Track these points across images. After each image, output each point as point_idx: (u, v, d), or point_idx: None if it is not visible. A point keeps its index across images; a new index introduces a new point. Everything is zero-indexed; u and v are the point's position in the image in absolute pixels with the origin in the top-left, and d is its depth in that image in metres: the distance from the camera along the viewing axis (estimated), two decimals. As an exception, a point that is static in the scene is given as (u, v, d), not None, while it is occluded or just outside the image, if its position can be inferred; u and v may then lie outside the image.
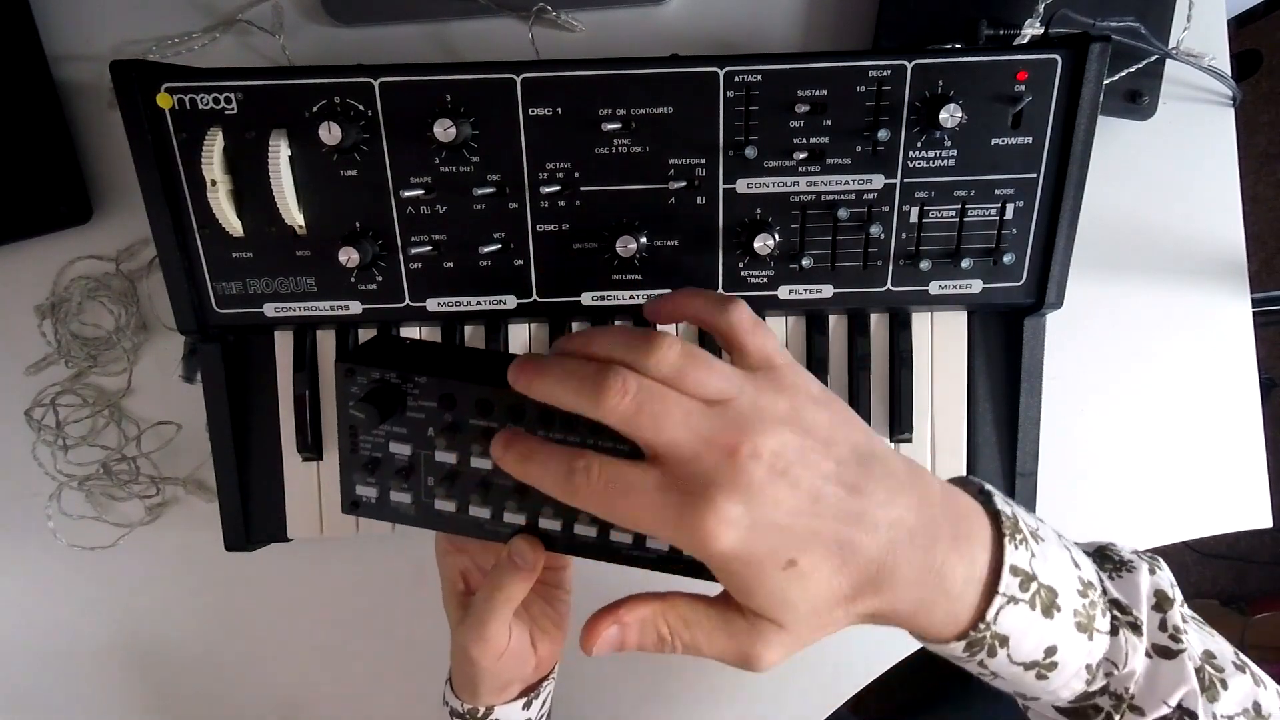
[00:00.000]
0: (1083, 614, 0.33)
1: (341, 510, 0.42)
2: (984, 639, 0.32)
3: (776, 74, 0.45)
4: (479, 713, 0.45)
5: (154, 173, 0.46)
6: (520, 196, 0.47)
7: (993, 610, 0.31)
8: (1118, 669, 0.34)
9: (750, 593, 0.31)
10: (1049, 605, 0.32)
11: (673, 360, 0.29)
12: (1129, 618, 0.34)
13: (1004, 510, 0.33)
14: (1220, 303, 0.57)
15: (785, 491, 0.29)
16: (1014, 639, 0.32)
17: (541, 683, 0.48)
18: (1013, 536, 0.32)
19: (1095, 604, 0.34)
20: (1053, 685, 0.34)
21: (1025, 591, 0.32)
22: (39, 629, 0.62)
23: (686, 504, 0.29)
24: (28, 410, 0.58)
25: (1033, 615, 0.32)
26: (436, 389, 0.39)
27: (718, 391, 0.30)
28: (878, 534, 0.30)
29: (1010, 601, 0.31)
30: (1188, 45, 0.54)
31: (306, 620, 0.61)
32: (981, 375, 0.52)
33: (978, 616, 0.32)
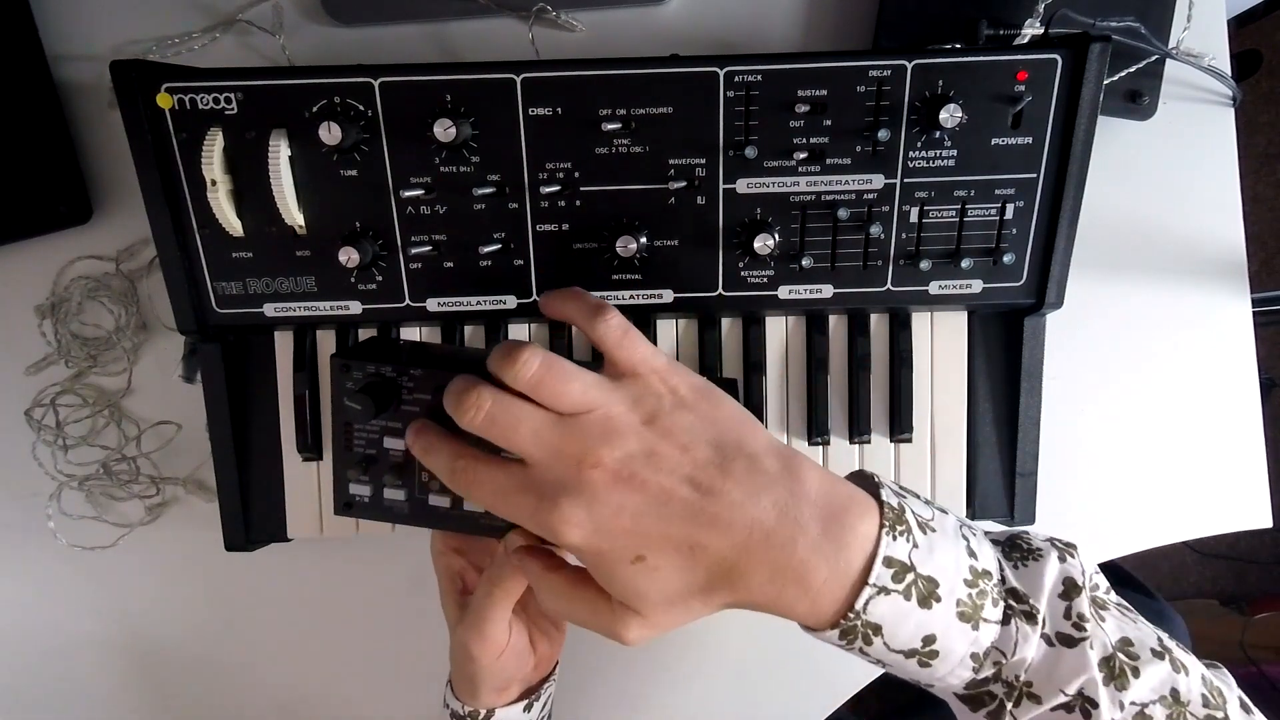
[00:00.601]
0: (968, 604, 0.34)
1: (334, 512, 0.42)
2: (855, 627, 0.33)
3: (776, 74, 0.45)
4: (479, 714, 0.46)
5: (154, 173, 0.46)
6: (520, 196, 0.47)
7: (861, 600, 0.33)
8: (1007, 657, 0.34)
9: (607, 582, 0.34)
10: (927, 595, 0.33)
11: (530, 374, 0.32)
12: (1024, 606, 0.34)
13: (889, 502, 0.35)
14: (1220, 303, 0.57)
15: (629, 497, 0.32)
16: (887, 627, 0.33)
17: (542, 684, 0.48)
18: (893, 528, 0.34)
19: (986, 593, 0.34)
20: (938, 672, 0.35)
21: (899, 582, 0.33)
22: (39, 629, 0.62)
23: (540, 505, 0.33)
24: (28, 410, 0.58)
25: (908, 605, 0.33)
26: (432, 382, 0.40)
27: (573, 404, 0.33)
28: (730, 535, 0.32)
29: (881, 592, 0.33)
30: (1188, 45, 0.54)
31: (306, 620, 0.61)
32: (981, 375, 0.52)
33: (847, 606, 0.33)
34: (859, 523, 0.34)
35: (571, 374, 0.33)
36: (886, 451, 0.52)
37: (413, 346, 0.46)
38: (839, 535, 0.33)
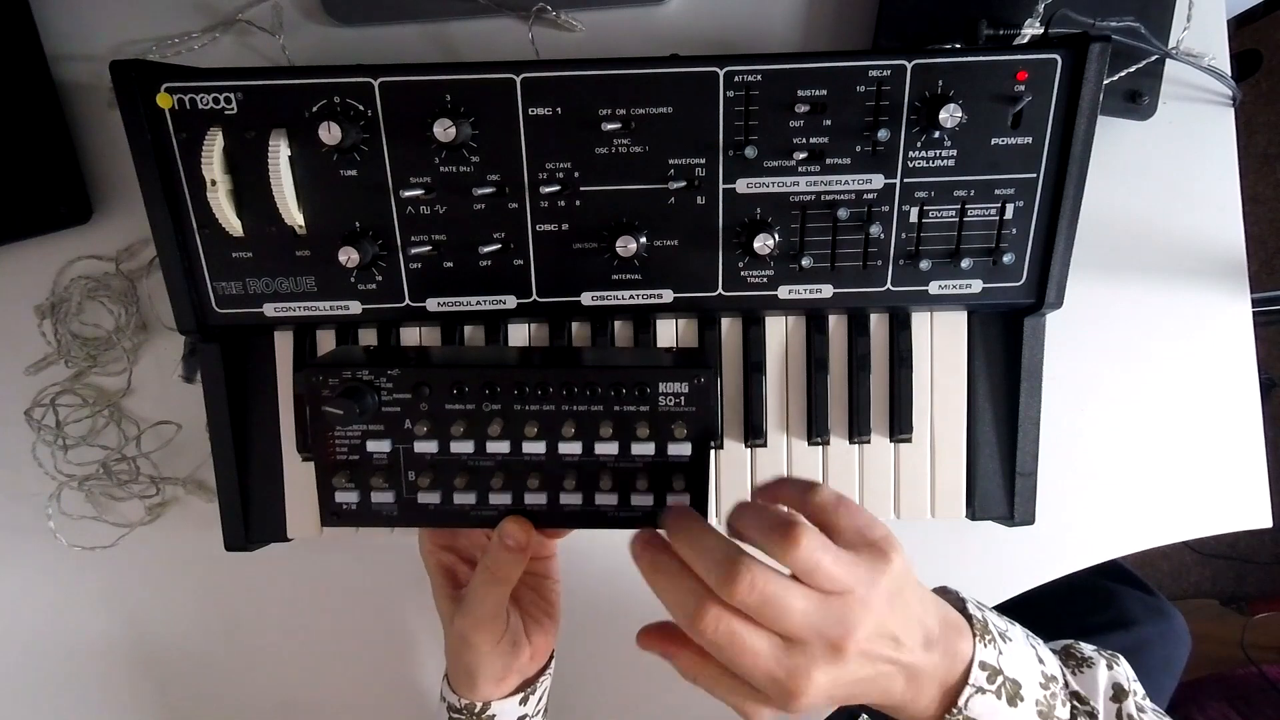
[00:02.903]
0: (1044, 704, 0.39)
1: (321, 524, 0.42)
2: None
3: (776, 74, 0.45)
4: (476, 708, 0.46)
5: (154, 173, 0.46)
6: (520, 196, 0.47)
7: (963, 698, 0.37)
8: None
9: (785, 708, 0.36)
10: (1013, 695, 0.38)
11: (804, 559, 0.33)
12: (1086, 708, 0.41)
13: (975, 615, 0.40)
14: (1220, 303, 0.57)
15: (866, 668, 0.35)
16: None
17: (538, 677, 0.48)
18: (983, 636, 0.39)
19: (1056, 695, 0.40)
20: None
21: (992, 684, 0.38)
22: (39, 629, 0.62)
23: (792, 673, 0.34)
24: (28, 410, 0.58)
25: (999, 703, 0.38)
26: (411, 378, 0.40)
27: (835, 585, 0.34)
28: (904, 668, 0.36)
29: (978, 691, 0.38)
30: (1188, 45, 0.54)
31: (306, 620, 0.61)
32: (981, 375, 0.52)
33: (950, 703, 0.38)
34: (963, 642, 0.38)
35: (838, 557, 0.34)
36: (886, 451, 0.52)
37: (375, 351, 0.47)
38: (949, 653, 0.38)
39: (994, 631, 0.39)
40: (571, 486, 0.41)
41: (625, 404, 0.40)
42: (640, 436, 0.40)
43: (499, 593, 0.42)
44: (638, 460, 0.41)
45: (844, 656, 0.34)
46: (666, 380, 0.40)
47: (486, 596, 0.42)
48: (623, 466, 0.41)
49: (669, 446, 0.41)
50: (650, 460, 0.41)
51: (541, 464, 0.41)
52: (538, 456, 0.41)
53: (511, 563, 0.41)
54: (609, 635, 0.60)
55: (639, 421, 0.40)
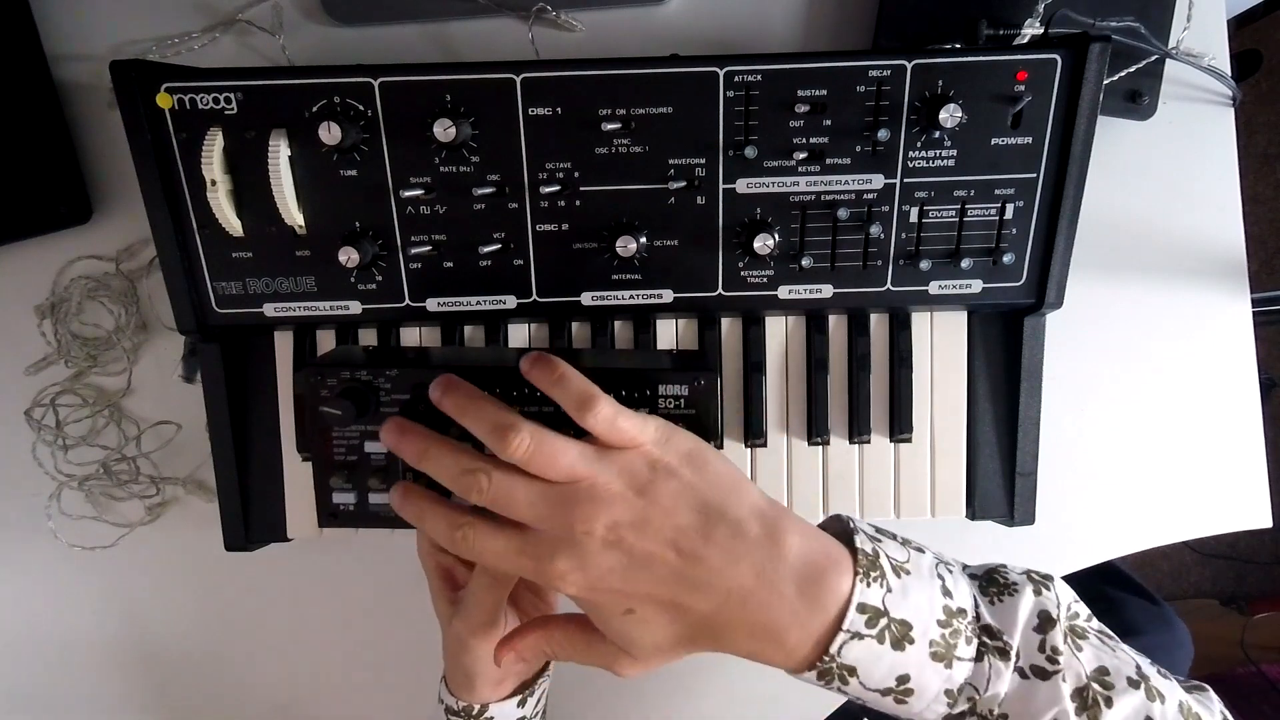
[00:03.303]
0: (940, 644, 0.36)
1: (318, 524, 0.42)
2: (831, 669, 0.36)
3: (776, 74, 0.45)
4: (474, 709, 0.46)
5: (154, 173, 0.46)
6: (520, 196, 0.47)
7: (836, 644, 0.35)
8: (980, 693, 0.36)
9: (603, 629, 0.38)
10: (900, 638, 0.35)
11: (522, 452, 0.35)
12: (997, 643, 0.36)
13: (863, 549, 0.37)
14: (1220, 303, 0.57)
15: (616, 559, 0.35)
16: (862, 669, 0.35)
17: (537, 679, 0.48)
18: (866, 574, 0.36)
19: (959, 632, 0.36)
20: (913, 709, 0.36)
21: (872, 627, 0.35)
22: (39, 629, 0.62)
23: (539, 564, 0.36)
24: (28, 410, 0.58)
25: (881, 648, 0.35)
26: (409, 379, 0.40)
27: (563, 475, 0.36)
28: (710, 597, 0.35)
29: (854, 637, 0.35)
30: (1188, 45, 0.54)
31: (306, 620, 0.61)
32: (981, 375, 0.52)
33: (822, 650, 0.35)
34: (835, 581, 0.36)
35: (560, 449, 0.36)
36: (886, 451, 0.52)
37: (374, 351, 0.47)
38: (816, 596, 0.35)
39: (885, 566, 0.36)
40: None
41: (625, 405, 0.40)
42: None
43: (497, 595, 0.42)
44: None
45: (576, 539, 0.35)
46: (666, 382, 0.40)
47: (484, 599, 0.42)
48: None
49: None
50: None
51: None
52: None
53: None
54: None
55: None
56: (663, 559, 0.35)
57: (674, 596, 0.35)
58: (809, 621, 0.35)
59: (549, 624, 0.41)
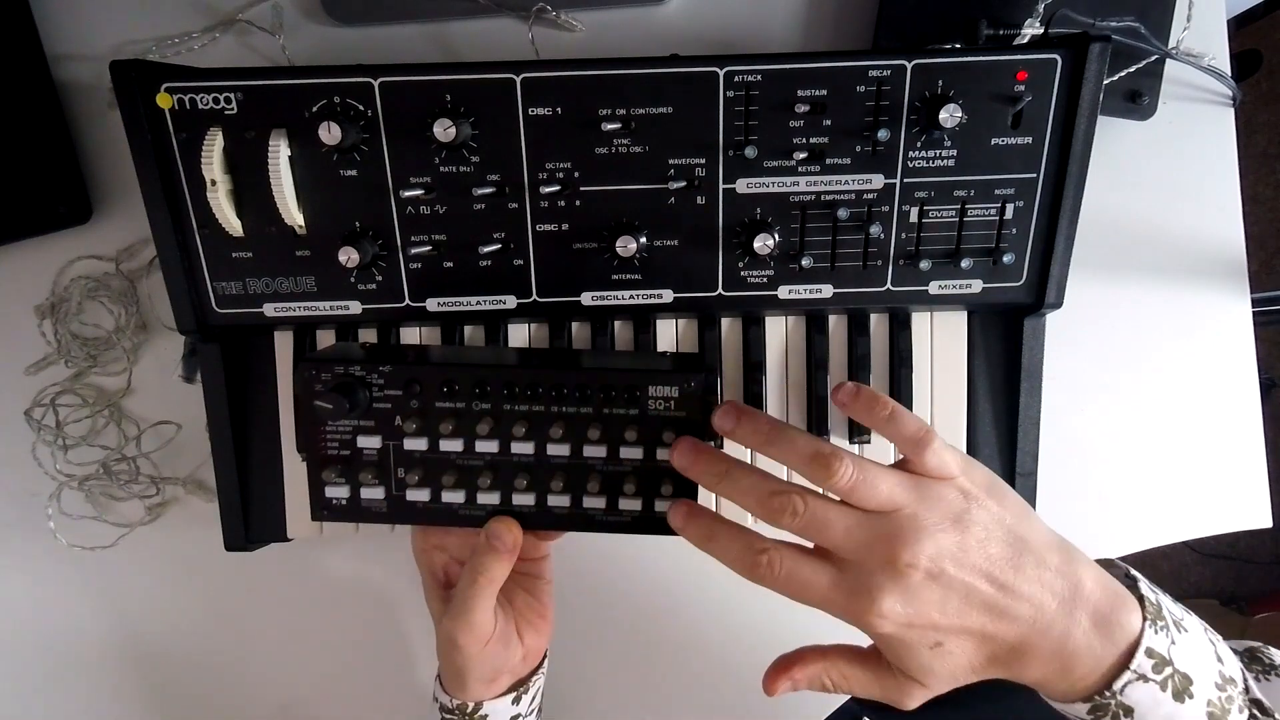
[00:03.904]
0: (1217, 705, 0.36)
1: (311, 518, 0.42)
2: (1109, 706, 0.35)
3: (776, 74, 0.45)
4: (468, 708, 0.46)
5: (154, 173, 0.46)
6: (520, 196, 0.47)
7: (1120, 682, 0.35)
8: None
9: (900, 662, 0.36)
10: (1181, 691, 0.35)
11: (847, 481, 0.34)
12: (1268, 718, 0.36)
13: (1148, 596, 0.37)
14: (1220, 303, 0.57)
15: (937, 593, 0.34)
16: (1139, 712, 0.35)
17: (531, 677, 0.48)
18: (1154, 622, 0.35)
19: (1233, 699, 0.36)
20: None
21: (1158, 674, 0.35)
22: (39, 629, 0.62)
23: (853, 599, 0.34)
24: (28, 410, 0.58)
25: (1163, 696, 0.35)
26: (402, 376, 0.40)
27: (883, 503, 0.34)
28: (1017, 625, 0.35)
29: (1139, 679, 0.35)
30: (1188, 45, 0.54)
31: (306, 620, 0.61)
32: (981, 375, 0.52)
33: (1104, 685, 0.35)
34: (1127, 619, 0.35)
35: (881, 476, 0.35)
36: (886, 452, 0.52)
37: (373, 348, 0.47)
38: (1108, 630, 0.35)
39: (1168, 618, 0.36)
40: (559, 488, 0.41)
41: (614, 406, 0.40)
42: (629, 440, 0.40)
43: (486, 593, 0.42)
44: (626, 464, 0.41)
45: (901, 573, 0.33)
46: (656, 384, 0.40)
47: (473, 597, 0.42)
48: (611, 470, 0.41)
49: (658, 451, 0.40)
50: (639, 464, 0.41)
51: (530, 465, 0.41)
52: (526, 457, 0.41)
53: (498, 563, 0.41)
54: (603, 635, 0.60)
55: (628, 425, 0.40)
56: (979, 589, 0.34)
57: (984, 626, 0.35)
58: (1100, 654, 0.35)
59: (830, 654, 0.39)
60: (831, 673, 0.38)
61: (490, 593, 0.42)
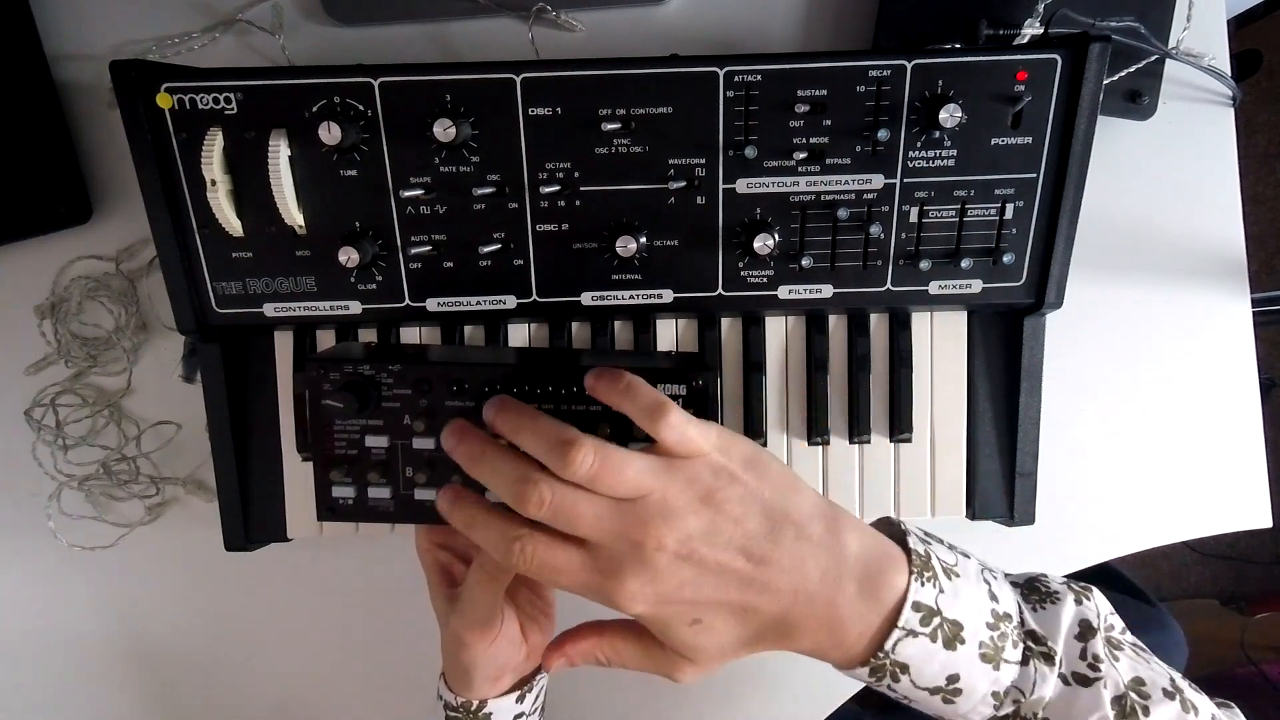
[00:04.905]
0: (989, 645, 0.37)
1: (316, 518, 0.42)
2: (885, 665, 0.36)
3: (776, 74, 0.45)
4: (472, 705, 0.46)
5: (154, 173, 0.46)
6: (520, 196, 0.47)
7: (890, 641, 0.36)
8: (1025, 696, 0.37)
9: (665, 638, 0.37)
10: (952, 638, 0.36)
11: (586, 470, 0.34)
12: (1042, 648, 0.37)
13: (916, 550, 0.37)
14: (1220, 303, 0.57)
15: (688, 572, 0.34)
16: (914, 666, 0.36)
17: (534, 675, 0.48)
18: (920, 574, 0.36)
19: (1006, 635, 0.37)
20: (960, 709, 0.37)
21: (926, 625, 0.36)
22: (39, 629, 0.62)
23: (605, 583, 0.34)
24: (28, 410, 0.58)
25: (934, 646, 0.36)
26: (411, 374, 0.40)
27: (630, 490, 0.34)
28: (779, 598, 0.35)
29: (909, 634, 0.36)
30: (1188, 45, 0.54)
31: (306, 620, 0.61)
32: (981, 375, 0.52)
33: (876, 647, 0.36)
34: (893, 579, 0.36)
35: (625, 462, 0.34)
36: (886, 451, 0.52)
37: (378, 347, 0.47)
38: (875, 592, 0.36)
39: (936, 568, 0.37)
40: None
41: None
42: (637, 437, 0.40)
43: (493, 591, 0.42)
44: None
45: (648, 557, 0.34)
46: (664, 383, 0.40)
47: (480, 595, 0.42)
48: None
49: None
50: None
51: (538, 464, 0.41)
52: None
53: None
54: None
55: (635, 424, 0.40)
56: (734, 567, 0.35)
57: (743, 601, 0.35)
58: (868, 618, 0.36)
59: (605, 630, 0.40)
60: (604, 648, 0.39)
61: (497, 591, 0.42)
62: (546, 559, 0.35)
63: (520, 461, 0.35)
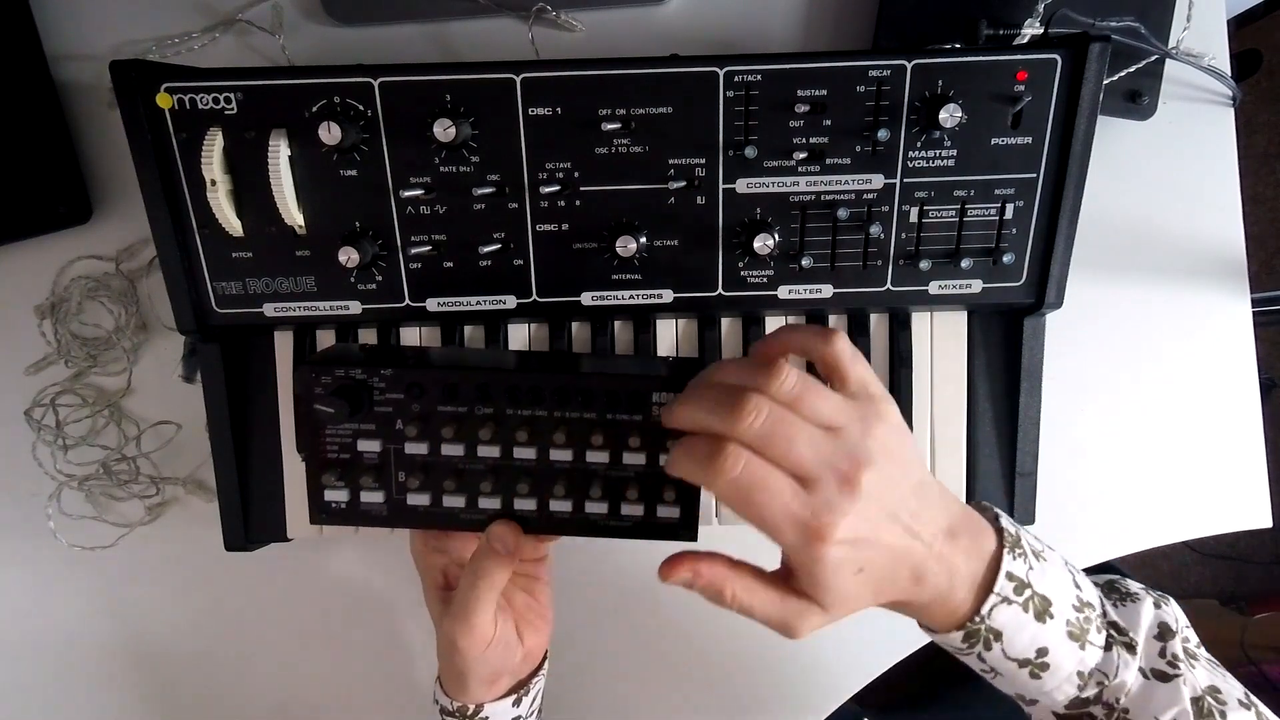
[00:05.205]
0: (1075, 625, 0.38)
1: (310, 521, 0.42)
2: (979, 631, 0.37)
3: (776, 74, 0.45)
4: (469, 710, 0.46)
5: (154, 173, 0.46)
6: (520, 196, 0.47)
7: (987, 606, 0.36)
8: (1109, 679, 0.38)
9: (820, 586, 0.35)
10: (1042, 611, 0.37)
11: (791, 386, 0.33)
12: (1124, 638, 0.39)
13: (1008, 528, 0.38)
14: (1220, 303, 0.57)
15: (878, 515, 0.34)
16: (1007, 635, 0.37)
17: (531, 679, 0.48)
18: (1012, 549, 0.37)
19: (1090, 620, 0.38)
20: (1046, 686, 0.38)
21: (1019, 595, 0.37)
22: (39, 629, 0.62)
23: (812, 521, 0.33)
24: (28, 410, 0.58)
25: (1025, 616, 0.37)
26: (404, 379, 0.40)
27: (829, 418, 0.34)
28: (922, 546, 0.36)
29: (1003, 601, 0.37)
30: (1188, 45, 0.54)
31: (306, 620, 0.61)
32: (981, 375, 0.52)
33: (974, 612, 0.37)
34: (988, 541, 0.37)
35: (823, 388, 0.34)
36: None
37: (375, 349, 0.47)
38: (978, 548, 0.37)
39: (1026, 547, 0.38)
40: (561, 493, 0.41)
41: (618, 412, 0.40)
42: (632, 446, 0.40)
43: (487, 597, 0.42)
44: (629, 470, 0.41)
45: (858, 491, 0.33)
46: (660, 390, 0.40)
47: (474, 601, 0.41)
48: (614, 475, 0.41)
49: (660, 457, 0.40)
50: (642, 470, 0.40)
51: (532, 469, 0.41)
52: (528, 462, 0.41)
53: (499, 568, 0.41)
54: (603, 635, 0.60)
55: (631, 431, 0.40)
56: (907, 510, 0.35)
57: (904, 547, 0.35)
58: (975, 575, 0.37)
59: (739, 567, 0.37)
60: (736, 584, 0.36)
61: (491, 596, 0.42)
62: (760, 475, 0.33)
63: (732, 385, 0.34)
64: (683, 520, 0.41)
